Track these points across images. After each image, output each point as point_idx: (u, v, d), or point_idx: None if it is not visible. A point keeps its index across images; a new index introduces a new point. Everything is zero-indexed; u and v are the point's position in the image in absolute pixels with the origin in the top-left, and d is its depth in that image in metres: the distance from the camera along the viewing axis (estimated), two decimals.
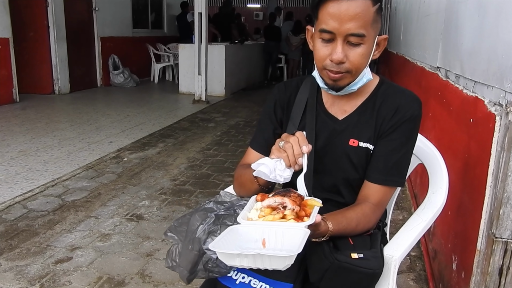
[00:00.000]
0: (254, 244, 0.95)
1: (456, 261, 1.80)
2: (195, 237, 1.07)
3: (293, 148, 1.05)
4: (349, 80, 1.14)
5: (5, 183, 3.42)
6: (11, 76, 6.51)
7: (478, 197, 1.54)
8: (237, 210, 1.07)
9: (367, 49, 1.11)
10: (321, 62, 1.13)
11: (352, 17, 1.05)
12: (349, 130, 1.22)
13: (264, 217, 0.98)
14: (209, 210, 1.11)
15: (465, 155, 1.78)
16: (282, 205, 0.96)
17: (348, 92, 1.19)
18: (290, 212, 0.95)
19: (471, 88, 1.76)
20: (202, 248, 1.12)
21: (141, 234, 2.67)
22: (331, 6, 1.06)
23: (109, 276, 2.21)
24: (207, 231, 1.04)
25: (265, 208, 0.99)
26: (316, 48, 1.14)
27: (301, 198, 1.01)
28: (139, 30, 9.94)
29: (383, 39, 1.17)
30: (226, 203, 1.11)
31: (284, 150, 1.06)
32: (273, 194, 1.00)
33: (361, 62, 1.11)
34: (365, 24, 1.07)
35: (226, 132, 5.40)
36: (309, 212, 0.97)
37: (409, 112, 1.17)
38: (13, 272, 2.22)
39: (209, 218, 1.07)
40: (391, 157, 1.17)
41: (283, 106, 1.32)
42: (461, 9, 2.04)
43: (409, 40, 4.11)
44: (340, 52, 1.08)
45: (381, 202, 1.19)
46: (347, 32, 1.06)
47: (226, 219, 1.06)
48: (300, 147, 1.05)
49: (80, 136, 4.91)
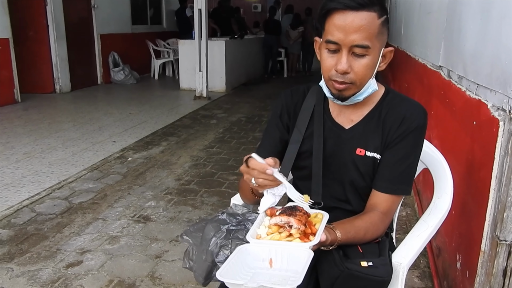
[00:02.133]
0: (262, 263, 0.99)
1: (460, 260, 1.84)
2: (208, 249, 1.10)
3: (266, 179, 1.06)
4: (354, 91, 1.17)
5: (12, 186, 3.46)
6: (12, 76, 6.52)
7: (482, 199, 1.57)
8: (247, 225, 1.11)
9: (372, 61, 1.13)
10: (327, 72, 1.16)
11: (357, 29, 1.08)
12: (355, 139, 1.25)
13: (271, 235, 1.02)
14: (222, 222, 1.14)
15: (468, 157, 1.81)
16: (288, 224, 1.00)
17: (354, 102, 1.21)
18: (296, 231, 0.99)
19: (474, 91, 1.78)
20: (214, 260, 1.15)
21: (149, 236, 2.71)
22: (337, 17, 1.10)
23: (120, 279, 2.26)
24: (219, 245, 1.08)
25: (272, 226, 1.03)
26: (323, 58, 1.17)
27: (307, 215, 1.04)
28: (138, 26, 9.93)
29: (389, 51, 1.20)
30: (238, 216, 1.15)
31: (260, 185, 1.08)
32: (280, 212, 1.04)
33: (365, 73, 1.14)
34: (370, 36, 1.10)
35: (228, 129, 5.42)
36: (315, 230, 1.00)
37: (415, 122, 1.20)
38: (25, 277, 2.27)
39: (221, 232, 1.10)
40: (398, 167, 1.20)
41: (289, 112, 1.34)
42: (464, 10, 2.06)
43: (410, 35, 4.12)
44: (344, 63, 1.11)
45: (389, 210, 1.22)
46: (352, 43, 1.09)
47: (238, 233, 1.10)
48: (266, 174, 1.06)
49: (83, 136, 4.94)
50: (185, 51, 8.08)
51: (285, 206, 1.07)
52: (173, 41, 9.84)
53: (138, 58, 9.62)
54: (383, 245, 1.20)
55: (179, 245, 2.59)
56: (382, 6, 1.12)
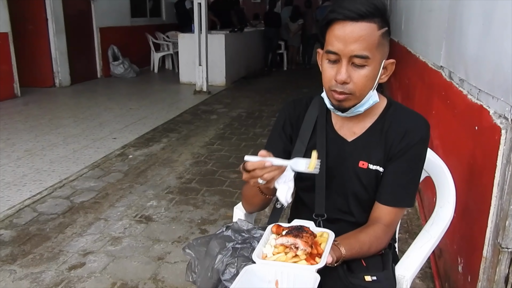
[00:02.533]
0: (268, 284, 1.00)
1: (462, 263, 1.85)
2: (214, 267, 1.10)
3: (270, 171, 1.06)
4: (354, 102, 1.17)
5: (14, 185, 3.46)
6: (12, 71, 6.50)
7: (483, 205, 1.58)
8: (253, 243, 1.11)
9: (372, 72, 1.13)
10: (328, 83, 1.16)
11: (356, 39, 1.09)
12: (358, 152, 1.25)
13: (277, 255, 1.02)
14: (227, 239, 1.14)
15: (470, 161, 1.81)
16: (295, 246, 1.00)
17: (355, 114, 1.21)
18: (302, 253, 0.99)
19: (475, 95, 1.78)
20: (220, 278, 1.16)
21: (151, 237, 2.72)
22: (337, 28, 1.11)
23: (123, 281, 2.27)
24: (225, 263, 1.09)
25: (278, 246, 1.03)
26: (323, 69, 1.17)
27: (314, 236, 1.04)
28: (137, 19, 9.87)
29: (391, 63, 1.19)
30: (244, 233, 1.15)
31: (268, 179, 1.07)
32: (286, 232, 1.04)
33: (365, 84, 1.14)
34: (370, 47, 1.10)
35: (229, 125, 5.42)
36: (321, 251, 1.01)
37: (417, 136, 1.20)
38: (28, 280, 2.28)
39: (226, 250, 1.10)
40: (401, 180, 1.20)
41: (292, 123, 1.35)
42: (465, 12, 2.05)
43: (411, 32, 4.10)
44: (343, 73, 1.11)
45: (392, 223, 1.22)
46: (351, 53, 1.10)
47: (243, 251, 1.10)
48: (267, 167, 1.06)
49: (84, 132, 4.93)
50: (185, 45, 8.04)
51: (292, 226, 1.07)
52: (172, 33, 9.79)
53: (137, 51, 9.58)
54: (386, 258, 1.21)
55: (181, 247, 2.59)
56: (383, 18, 1.12)
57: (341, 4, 1.10)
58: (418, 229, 2.77)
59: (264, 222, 2.58)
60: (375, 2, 1.10)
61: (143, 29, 9.67)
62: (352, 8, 1.08)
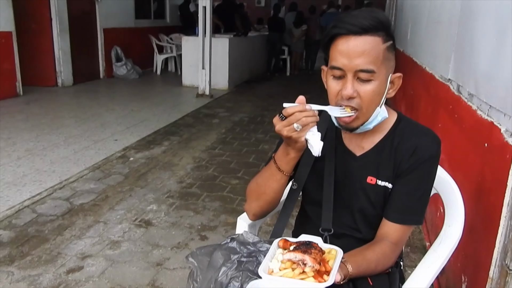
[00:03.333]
0: None
1: (466, 282, 1.82)
2: (217, 280, 1.08)
3: (308, 115, 1.04)
4: (362, 121, 1.15)
5: (14, 185, 3.43)
6: (15, 69, 6.48)
7: (491, 224, 1.55)
8: (259, 257, 1.08)
9: (379, 86, 1.11)
10: (334, 99, 1.14)
11: (360, 53, 1.07)
12: (366, 167, 1.23)
13: (284, 270, 0.99)
14: (232, 250, 1.12)
15: (478, 178, 1.79)
16: (303, 262, 0.98)
17: (364, 130, 1.19)
18: (310, 269, 0.97)
19: (486, 111, 1.75)
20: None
21: (150, 242, 2.69)
22: (340, 43, 1.09)
23: (121, 287, 2.24)
24: (229, 276, 1.06)
25: (286, 261, 1.00)
26: (329, 86, 1.15)
27: (322, 253, 1.02)
28: (141, 21, 9.87)
29: (397, 77, 1.17)
30: (249, 246, 1.12)
31: (307, 123, 1.05)
32: (294, 248, 1.01)
33: (371, 99, 1.11)
34: (375, 61, 1.08)
35: (230, 129, 5.40)
36: (329, 269, 0.98)
37: (428, 153, 1.17)
38: (26, 283, 2.25)
39: (231, 263, 1.08)
40: (410, 197, 1.18)
41: None
42: (477, 27, 2.03)
43: (417, 42, 4.08)
44: (349, 88, 1.09)
45: (400, 240, 1.20)
46: (356, 68, 1.08)
47: (248, 264, 1.08)
48: (306, 110, 1.04)
49: (85, 133, 4.91)
50: (188, 47, 8.04)
51: (300, 241, 1.05)
52: (176, 36, 9.80)
53: (140, 52, 9.57)
54: (393, 278, 1.19)
55: (180, 253, 2.58)
56: (387, 32, 1.10)
57: (343, 18, 1.09)
58: (420, 243, 2.75)
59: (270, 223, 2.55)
60: (378, 16, 1.08)
61: (147, 30, 9.67)
62: (355, 22, 1.06)
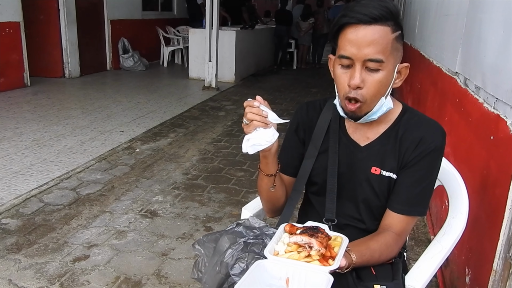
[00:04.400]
0: (278, 281, 0.98)
1: (469, 275, 1.82)
2: (223, 261, 1.09)
3: (253, 112, 1.08)
4: (366, 111, 1.14)
5: (21, 174, 3.47)
6: (22, 60, 6.51)
7: (496, 217, 1.55)
8: (265, 239, 1.09)
9: (386, 76, 1.11)
10: (342, 90, 1.14)
11: (369, 43, 1.07)
12: (371, 157, 1.23)
13: (290, 253, 1.00)
14: (239, 234, 1.13)
15: (483, 171, 1.78)
16: (309, 245, 0.98)
17: (369, 121, 1.19)
18: (315, 253, 0.97)
19: (492, 104, 1.74)
20: (228, 272, 1.14)
21: (156, 232, 2.71)
22: (349, 32, 1.09)
23: (126, 276, 2.26)
24: (235, 257, 1.07)
25: (292, 244, 1.01)
26: (336, 75, 1.15)
27: (328, 238, 1.02)
28: (148, 13, 9.87)
29: (405, 67, 1.17)
30: (256, 230, 1.13)
31: (251, 119, 1.09)
32: (301, 231, 1.02)
33: (377, 89, 1.11)
34: (384, 50, 1.08)
35: (236, 122, 5.40)
36: (334, 254, 0.99)
37: (433, 144, 1.17)
38: (33, 270, 2.28)
39: (238, 244, 1.09)
40: (414, 188, 1.18)
41: (305, 127, 1.33)
42: (485, 19, 2.01)
43: (425, 35, 4.05)
44: (357, 77, 1.09)
45: (403, 231, 1.20)
46: (365, 57, 1.08)
47: (254, 247, 1.09)
48: (254, 107, 1.09)
49: (92, 124, 4.94)
50: (195, 40, 8.03)
51: (307, 226, 1.06)
52: (183, 28, 9.79)
53: (147, 44, 9.58)
54: (396, 267, 1.19)
55: (185, 243, 2.60)
56: (396, 22, 1.10)
57: (353, 8, 1.08)
58: (424, 236, 2.75)
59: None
60: (387, 5, 1.08)
61: (154, 22, 9.67)
62: (365, 12, 1.06)
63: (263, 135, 1.09)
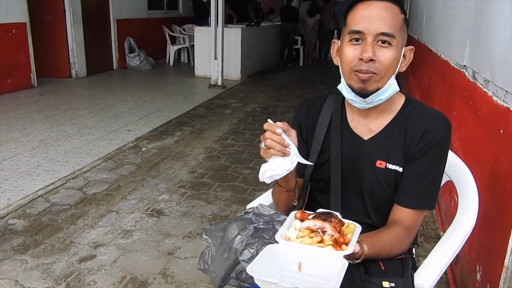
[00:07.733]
0: (290, 266, 0.96)
1: (480, 271, 1.79)
2: (232, 247, 1.06)
3: (273, 139, 1.05)
4: (377, 85, 1.11)
5: (28, 175, 3.48)
6: (29, 61, 6.54)
7: (506, 212, 1.51)
8: (276, 225, 1.07)
9: (396, 54, 1.10)
10: (349, 64, 1.11)
11: (382, 17, 1.08)
12: (375, 151, 1.20)
13: (302, 239, 0.98)
14: (248, 221, 1.10)
15: (493, 166, 1.74)
16: (322, 230, 0.96)
17: (375, 103, 1.15)
18: (329, 238, 0.95)
19: (502, 97, 1.70)
20: (237, 258, 1.12)
21: (162, 231, 2.70)
22: (362, 8, 1.10)
23: (133, 275, 2.25)
24: (245, 243, 1.04)
25: (304, 229, 0.99)
26: (344, 51, 1.12)
27: (342, 224, 1.00)
28: (154, 11, 9.87)
29: (410, 50, 1.17)
30: (266, 217, 1.11)
31: (268, 147, 1.06)
32: (314, 216, 1.00)
33: (390, 63, 1.10)
34: (395, 26, 1.09)
35: (242, 120, 5.38)
36: (347, 240, 0.96)
37: (438, 135, 1.14)
38: (39, 271, 2.28)
39: (248, 230, 1.07)
40: (422, 181, 1.15)
41: (307, 125, 1.30)
42: (493, 11, 1.97)
43: (433, 29, 4.00)
44: (370, 50, 1.08)
45: (413, 226, 1.17)
46: (378, 30, 1.08)
47: (264, 232, 1.06)
48: (275, 134, 1.05)
49: (98, 124, 4.94)
50: (201, 38, 8.02)
51: (319, 211, 1.03)
52: (189, 26, 9.78)
53: (153, 43, 9.59)
54: (406, 264, 1.16)
55: (191, 242, 2.58)
56: (402, 7, 1.13)
57: None
58: (433, 233, 2.71)
59: None
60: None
61: (160, 21, 9.67)
62: None
63: (280, 163, 1.06)
